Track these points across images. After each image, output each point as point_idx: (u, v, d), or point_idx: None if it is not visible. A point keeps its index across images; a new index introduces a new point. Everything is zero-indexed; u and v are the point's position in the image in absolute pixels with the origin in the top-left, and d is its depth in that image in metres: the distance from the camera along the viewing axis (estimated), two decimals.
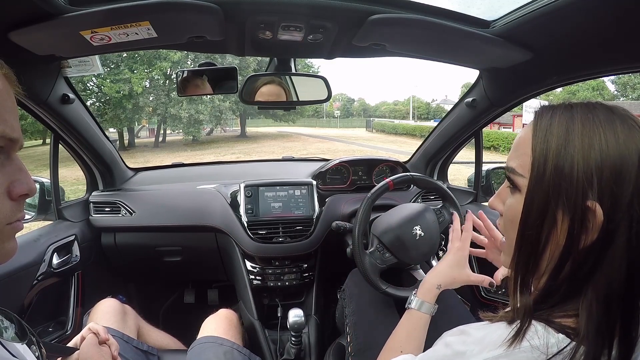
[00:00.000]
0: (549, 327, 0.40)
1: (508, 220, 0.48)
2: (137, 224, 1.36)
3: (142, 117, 17.26)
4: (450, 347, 0.46)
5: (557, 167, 0.41)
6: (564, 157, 0.41)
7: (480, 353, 0.42)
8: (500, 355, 0.40)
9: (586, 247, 0.40)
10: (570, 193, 0.40)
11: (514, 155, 0.47)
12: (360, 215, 0.99)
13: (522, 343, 0.40)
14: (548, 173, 0.41)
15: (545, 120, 0.44)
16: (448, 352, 0.45)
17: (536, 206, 0.42)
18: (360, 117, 49.45)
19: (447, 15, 0.80)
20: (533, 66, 0.88)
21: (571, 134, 0.41)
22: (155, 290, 1.77)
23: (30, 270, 1.07)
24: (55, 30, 0.71)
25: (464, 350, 0.43)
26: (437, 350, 0.48)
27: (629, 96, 29.98)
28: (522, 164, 0.45)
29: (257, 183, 1.33)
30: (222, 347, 0.97)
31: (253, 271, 1.32)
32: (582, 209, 0.40)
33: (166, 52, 14.39)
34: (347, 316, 1.01)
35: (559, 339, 0.39)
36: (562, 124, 0.42)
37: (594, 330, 0.38)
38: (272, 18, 0.78)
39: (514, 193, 0.46)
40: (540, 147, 0.42)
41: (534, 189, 0.43)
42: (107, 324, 0.99)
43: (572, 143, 0.40)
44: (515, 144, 0.47)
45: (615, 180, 0.39)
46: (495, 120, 1.32)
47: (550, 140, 0.42)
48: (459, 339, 0.46)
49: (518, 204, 0.45)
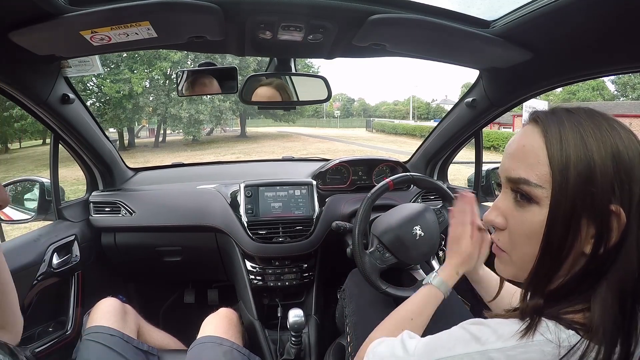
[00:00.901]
0: (559, 324, 0.41)
1: (520, 235, 0.45)
2: (137, 224, 1.36)
3: (142, 117, 17.26)
4: (467, 330, 0.46)
5: (581, 174, 0.40)
6: (585, 162, 0.40)
7: (497, 342, 0.42)
8: (515, 346, 0.41)
9: (609, 249, 0.41)
10: (596, 199, 0.40)
11: (523, 166, 0.44)
12: (360, 215, 0.99)
13: (535, 336, 0.40)
14: (572, 181, 0.40)
15: (554, 127, 0.42)
16: (465, 335, 0.46)
17: (563, 216, 0.41)
18: (360, 117, 49.40)
19: (447, 15, 0.80)
20: (533, 66, 0.88)
21: (585, 138, 0.41)
22: (155, 290, 1.77)
23: (30, 270, 1.07)
24: (55, 30, 0.71)
25: (480, 336, 0.44)
26: (453, 331, 0.48)
27: (629, 96, 29.96)
28: (538, 174, 0.42)
29: (257, 183, 1.33)
30: (222, 347, 0.97)
31: (253, 271, 1.32)
32: (607, 214, 0.40)
33: (166, 52, 14.39)
34: (347, 316, 1.01)
35: (569, 334, 0.40)
36: (574, 128, 0.41)
37: (611, 324, 0.39)
38: (272, 18, 0.78)
39: (528, 205, 0.44)
40: (559, 155, 0.41)
41: (559, 199, 0.41)
42: (108, 323, 0.99)
43: (590, 147, 0.40)
44: (520, 153, 0.45)
45: (629, 179, 0.39)
46: (495, 120, 1.32)
47: (568, 147, 0.41)
48: (476, 327, 0.46)
49: (535, 216, 0.43)
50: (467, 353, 0.43)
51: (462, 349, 0.44)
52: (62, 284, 1.20)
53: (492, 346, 0.42)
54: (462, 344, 0.44)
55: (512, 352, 0.40)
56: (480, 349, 0.42)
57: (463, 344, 0.44)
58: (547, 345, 0.39)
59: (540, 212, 0.43)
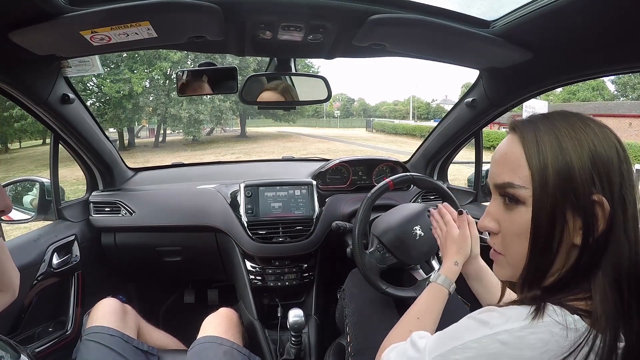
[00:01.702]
0: (564, 308, 0.42)
1: (511, 235, 0.48)
2: (137, 224, 1.36)
3: (142, 117, 17.26)
4: (474, 318, 0.47)
5: (559, 171, 0.43)
6: (562, 161, 0.43)
7: (505, 324, 0.43)
8: (524, 327, 0.41)
9: (597, 237, 0.43)
10: (577, 192, 0.43)
11: (506, 171, 0.47)
12: (360, 215, 0.99)
13: (544, 318, 0.41)
14: (551, 179, 0.43)
15: (529, 132, 0.46)
16: (472, 323, 0.46)
17: (546, 212, 0.44)
18: (360, 117, 49.33)
19: (447, 15, 0.80)
20: (533, 66, 0.88)
21: (561, 139, 0.44)
22: (155, 290, 1.77)
23: (30, 270, 1.07)
24: (55, 30, 0.71)
25: (488, 321, 0.44)
26: (461, 322, 0.49)
27: (629, 96, 29.95)
28: (520, 177, 0.46)
29: (257, 183, 1.33)
30: (222, 347, 0.97)
31: (253, 271, 1.32)
32: (591, 204, 0.43)
33: (166, 52, 14.39)
34: (347, 316, 1.01)
35: (575, 318, 0.41)
36: (549, 132, 0.45)
37: (612, 309, 0.41)
38: (272, 18, 0.78)
39: (515, 207, 0.47)
40: (536, 157, 0.44)
41: (540, 197, 0.44)
42: (107, 323, 0.99)
43: (565, 146, 0.44)
44: (502, 160, 0.48)
45: (607, 171, 0.43)
46: (495, 120, 1.32)
47: (544, 148, 0.44)
48: (485, 314, 0.46)
49: (522, 215, 0.46)
50: (476, 339, 0.44)
51: (470, 335, 0.45)
52: (62, 284, 1.20)
53: (501, 328, 0.43)
54: (470, 332, 0.45)
55: (521, 333, 0.41)
56: (488, 333, 0.43)
57: (471, 331, 0.45)
58: (555, 326, 0.40)
59: (527, 211, 0.46)
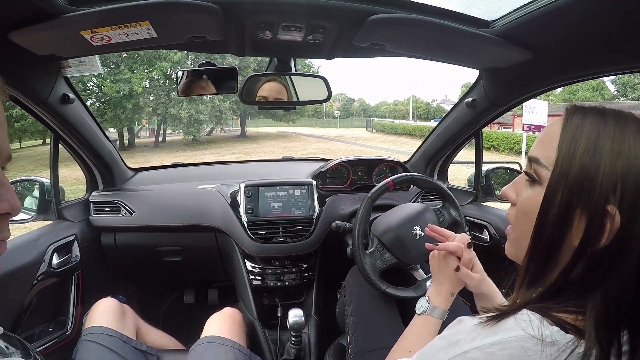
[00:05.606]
0: (544, 319, 0.40)
1: (522, 211, 0.48)
2: (137, 224, 1.36)
3: (142, 117, 17.26)
4: (445, 338, 0.46)
5: (584, 167, 0.41)
6: (592, 158, 0.41)
7: (474, 340, 0.41)
8: (493, 343, 0.40)
9: (599, 250, 0.41)
10: (593, 195, 0.40)
11: (540, 147, 0.46)
12: (360, 215, 0.99)
13: (514, 331, 0.40)
14: (574, 171, 0.41)
15: (577, 118, 0.44)
16: (444, 344, 0.45)
17: (557, 202, 0.42)
18: (360, 117, 49.34)
19: (447, 15, 0.80)
20: (533, 66, 0.88)
21: (602, 137, 0.41)
22: (155, 290, 1.77)
23: (30, 270, 1.07)
24: (55, 30, 0.71)
25: (458, 340, 0.43)
26: (434, 343, 0.48)
27: (629, 96, 29.95)
28: (547, 156, 0.44)
29: (257, 183, 1.33)
30: (223, 347, 0.97)
31: (253, 271, 1.32)
32: (602, 212, 0.40)
33: (166, 52, 14.38)
34: (347, 316, 1.01)
35: (553, 331, 0.39)
36: (594, 125, 0.42)
37: (604, 330, 0.39)
38: (272, 18, 0.78)
39: (534, 185, 0.46)
40: (568, 143, 0.42)
41: (556, 184, 0.42)
42: (106, 324, 0.99)
43: (602, 146, 0.41)
44: (542, 135, 0.47)
45: (637, 190, 0.39)
46: (495, 120, 1.32)
47: (579, 138, 0.42)
48: (455, 330, 0.46)
49: (536, 196, 0.45)
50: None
51: (443, 356, 0.44)
52: (62, 283, 1.20)
53: (470, 346, 0.41)
54: (443, 352, 0.44)
55: (490, 349, 0.40)
56: (459, 352, 0.42)
57: (443, 351, 0.44)
58: (528, 341, 0.38)
59: (541, 192, 0.44)
